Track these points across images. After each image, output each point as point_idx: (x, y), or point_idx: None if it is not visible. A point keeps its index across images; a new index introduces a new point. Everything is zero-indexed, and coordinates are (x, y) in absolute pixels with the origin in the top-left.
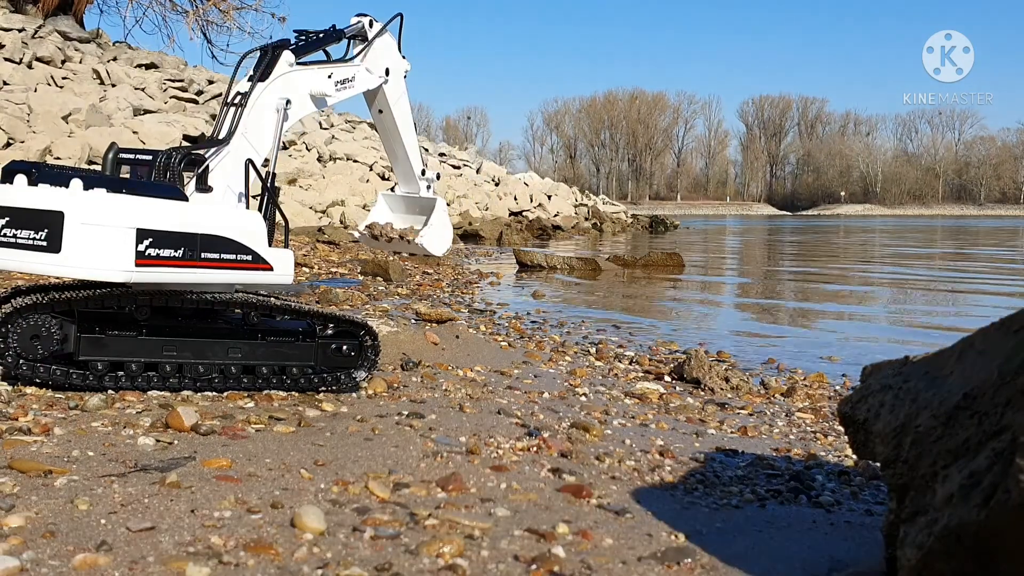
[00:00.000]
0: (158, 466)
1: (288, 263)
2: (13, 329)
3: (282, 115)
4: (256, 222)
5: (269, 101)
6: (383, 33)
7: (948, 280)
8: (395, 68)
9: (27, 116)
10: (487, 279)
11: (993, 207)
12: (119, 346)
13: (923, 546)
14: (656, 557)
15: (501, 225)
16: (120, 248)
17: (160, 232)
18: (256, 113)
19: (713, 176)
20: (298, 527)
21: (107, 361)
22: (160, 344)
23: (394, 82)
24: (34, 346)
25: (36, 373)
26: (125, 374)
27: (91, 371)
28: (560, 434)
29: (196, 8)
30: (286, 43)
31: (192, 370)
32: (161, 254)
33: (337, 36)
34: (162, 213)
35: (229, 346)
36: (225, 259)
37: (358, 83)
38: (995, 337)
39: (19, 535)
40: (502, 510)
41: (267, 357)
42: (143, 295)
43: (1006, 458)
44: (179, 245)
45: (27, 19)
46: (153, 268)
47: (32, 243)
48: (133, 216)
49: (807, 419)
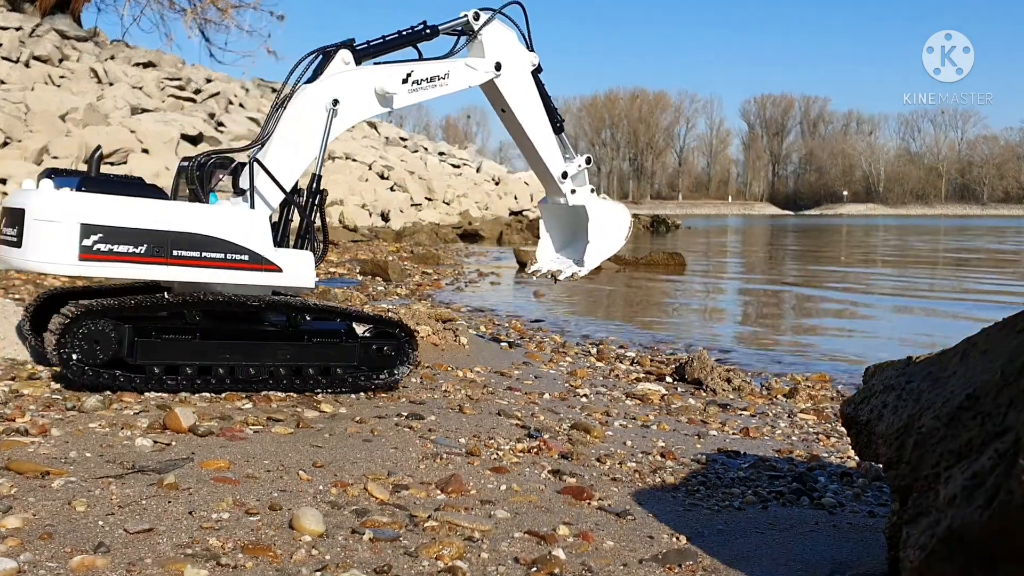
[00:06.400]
0: (156, 467)
1: (304, 265)
2: (76, 334)
3: (330, 115)
4: (254, 222)
5: (314, 102)
6: (490, 24)
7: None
8: (511, 62)
9: (24, 115)
10: (487, 279)
11: (996, 206)
12: (173, 349)
13: (926, 547)
14: (657, 559)
15: (501, 224)
16: (65, 243)
17: (112, 228)
18: (295, 114)
19: (715, 175)
20: (297, 529)
21: (162, 364)
22: (213, 347)
23: (510, 77)
24: (95, 351)
25: (99, 378)
26: (179, 377)
27: (147, 375)
28: (561, 435)
29: (194, 6)
30: (348, 43)
31: (243, 371)
32: (114, 249)
33: (428, 33)
34: (117, 210)
35: (278, 348)
36: (209, 258)
37: (454, 80)
38: (998, 337)
39: (16, 536)
40: (502, 512)
41: (313, 358)
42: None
43: (1009, 459)
44: (139, 241)
45: (24, 18)
46: (102, 263)
47: (8, 239)
48: (80, 213)
49: (809, 420)
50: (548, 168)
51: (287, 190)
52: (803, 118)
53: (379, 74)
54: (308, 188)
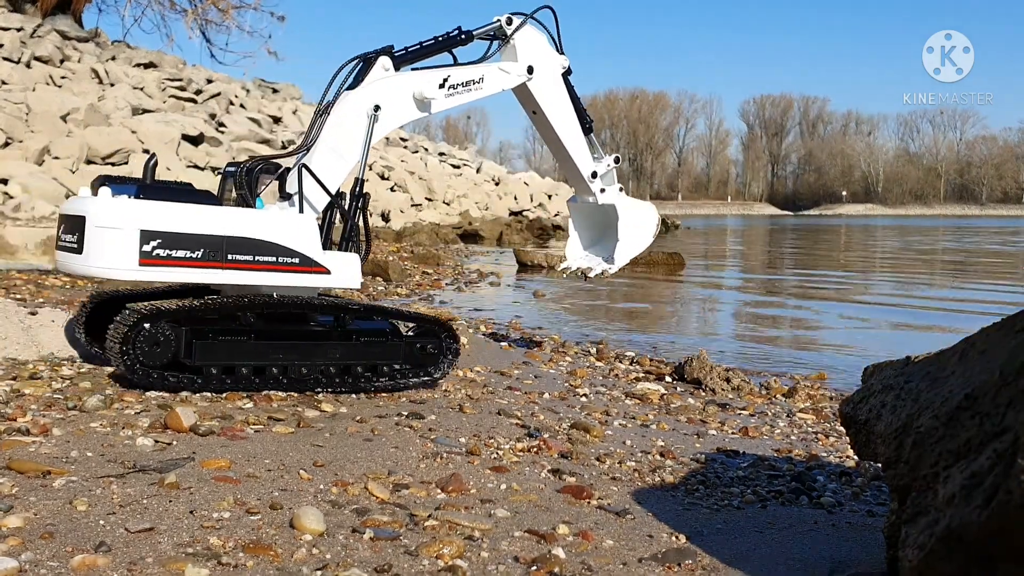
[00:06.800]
0: (157, 467)
1: (350, 267)
2: (138, 337)
3: (371, 121)
4: (304, 226)
5: (356, 108)
6: (523, 28)
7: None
8: (542, 65)
9: (26, 116)
10: (487, 279)
11: (995, 207)
12: (230, 350)
13: (925, 546)
14: (657, 558)
15: (501, 225)
16: (125, 249)
17: (170, 234)
18: (338, 120)
19: (714, 176)
20: (297, 528)
21: (220, 365)
22: (268, 348)
23: (542, 80)
24: (155, 353)
25: (162, 380)
26: (235, 377)
27: (204, 376)
28: (560, 435)
29: (195, 7)
30: (387, 49)
31: (295, 371)
32: (173, 255)
33: (463, 38)
34: (174, 217)
35: (329, 348)
36: (262, 261)
37: (489, 84)
38: (997, 337)
39: (18, 536)
40: (502, 511)
41: (361, 357)
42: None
43: (1008, 459)
44: (196, 246)
45: (26, 18)
46: (161, 268)
47: (68, 246)
48: (140, 220)
49: (808, 420)
50: (578, 168)
51: (333, 194)
52: (802, 118)
53: (418, 80)
54: (351, 191)
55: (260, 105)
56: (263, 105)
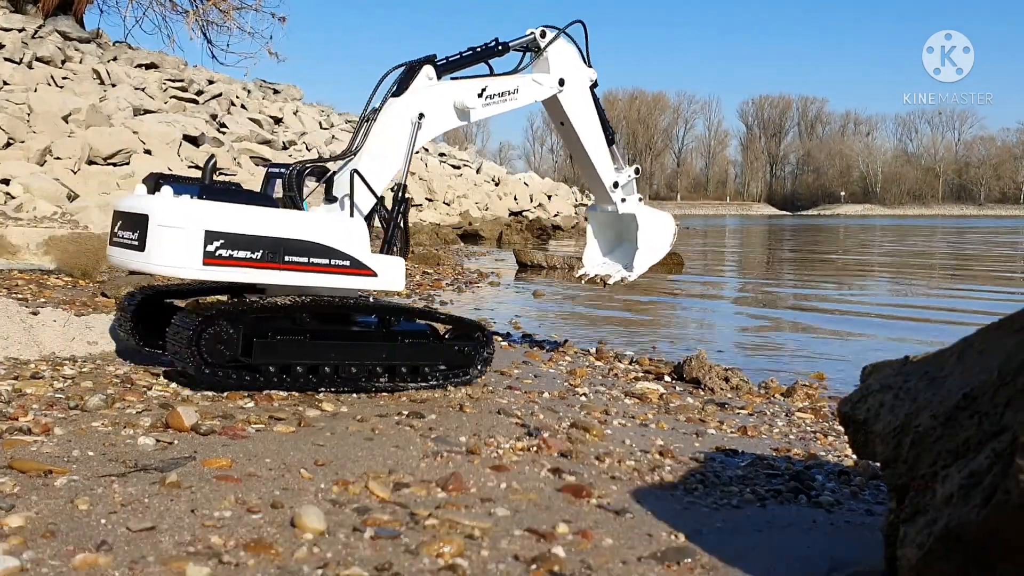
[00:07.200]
0: (158, 466)
1: (395, 269)
2: (205, 336)
3: (415, 128)
4: (355, 229)
5: (401, 115)
6: (556, 42)
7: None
8: (572, 78)
9: (27, 116)
10: (487, 279)
11: (993, 207)
12: (288, 350)
13: (923, 546)
14: (656, 557)
15: (501, 225)
16: (190, 248)
17: (232, 235)
18: (384, 126)
19: (713, 176)
20: (298, 527)
21: (277, 364)
22: (323, 347)
23: (571, 92)
24: (220, 352)
25: (227, 379)
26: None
27: (263, 374)
28: (560, 434)
29: (196, 8)
30: (430, 58)
31: (345, 370)
32: (234, 255)
33: (500, 49)
34: (236, 218)
35: (378, 348)
36: (316, 263)
37: (523, 95)
38: (995, 337)
39: (19, 535)
40: (502, 510)
41: (407, 357)
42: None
43: (1006, 458)
44: (256, 247)
45: (27, 19)
46: (223, 268)
47: (128, 242)
48: (204, 220)
49: (807, 419)
50: (601, 178)
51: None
52: (801, 119)
53: (459, 89)
54: (393, 196)
55: (261, 106)
56: (264, 106)
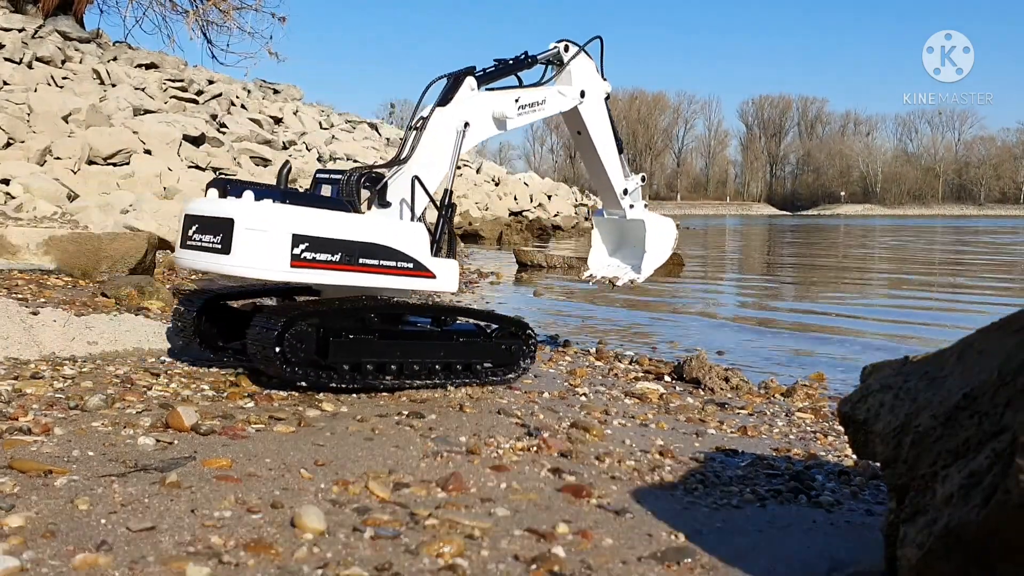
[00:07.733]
0: (158, 466)
1: (452, 273)
2: (290, 336)
3: (460, 137)
4: (419, 233)
5: (448, 124)
6: (578, 56)
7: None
8: (591, 90)
9: (27, 116)
10: (487, 279)
11: (993, 207)
12: (360, 348)
13: (923, 546)
14: (656, 557)
15: (501, 225)
16: (277, 251)
17: (316, 238)
18: (432, 135)
19: (713, 176)
20: (298, 527)
21: (350, 363)
22: (391, 346)
23: (590, 103)
24: (300, 350)
25: (308, 377)
26: (363, 374)
27: (338, 373)
28: (560, 434)
29: (196, 8)
30: (471, 70)
31: (408, 368)
32: (317, 258)
33: (529, 62)
34: (319, 221)
35: (437, 346)
36: (384, 266)
37: (549, 105)
38: (995, 337)
39: (19, 535)
40: (502, 510)
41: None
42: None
43: (1006, 458)
44: (336, 250)
45: (27, 19)
46: (308, 270)
47: (211, 246)
48: (290, 223)
49: (807, 419)
50: (612, 185)
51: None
52: (800, 119)
53: (499, 100)
54: (440, 201)
55: (261, 106)
56: (264, 106)
